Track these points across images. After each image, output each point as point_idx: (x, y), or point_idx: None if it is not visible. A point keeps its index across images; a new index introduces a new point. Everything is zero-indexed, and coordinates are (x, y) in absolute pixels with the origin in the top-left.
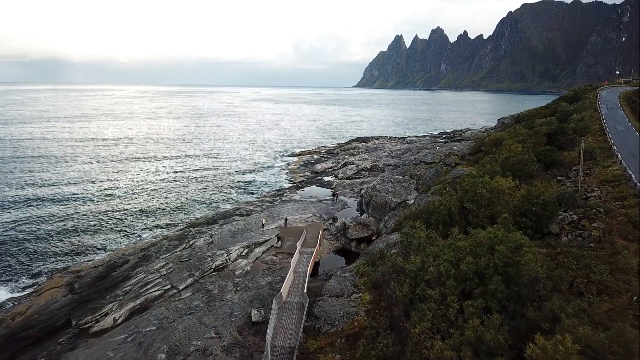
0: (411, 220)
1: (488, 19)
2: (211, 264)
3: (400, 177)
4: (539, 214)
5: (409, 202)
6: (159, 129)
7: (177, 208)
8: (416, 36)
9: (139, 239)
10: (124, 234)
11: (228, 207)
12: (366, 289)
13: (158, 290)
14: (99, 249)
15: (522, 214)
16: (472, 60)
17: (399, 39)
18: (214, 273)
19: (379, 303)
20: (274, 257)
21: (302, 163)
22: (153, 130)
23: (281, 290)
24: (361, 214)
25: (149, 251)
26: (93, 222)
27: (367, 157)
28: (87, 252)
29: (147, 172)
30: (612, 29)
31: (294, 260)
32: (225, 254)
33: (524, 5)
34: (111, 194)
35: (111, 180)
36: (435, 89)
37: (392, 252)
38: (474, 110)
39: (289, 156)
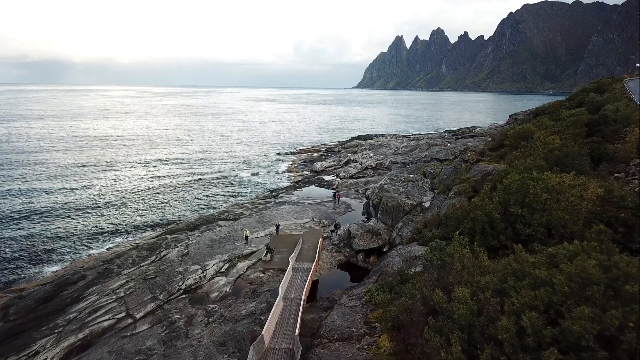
0: (434, 227)
1: (489, 20)
2: (181, 283)
3: (411, 175)
4: (629, 223)
5: (425, 204)
6: (149, 127)
7: (156, 211)
8: (417, 37)
9: (105, 247)
10: (89, 241)
11: (213, 210)
12: (384, 328)
13: (109, 319)
14: (54, 260)
15: (605, 222)
16: (473, 61)
17: (399, 40)
18: (183, 296)
19: (406, 355)
20: (261, 275)
21: (300, 161)
22: (143, 128)
23: (263, 332)
24: (368, 219)
25: (112, 264)
26: (55, 226)
27: (372, 154)
28: (41, 262)
29: (129, 172)
30: (614, 29)
31: (284, 283)
32: (200, 270)
33: (525, 6)
34: (84, 195)
35: (87, 179)
36: (436, 89)
37: (413, 271)
38: (478, 109)
39: (286, 154)
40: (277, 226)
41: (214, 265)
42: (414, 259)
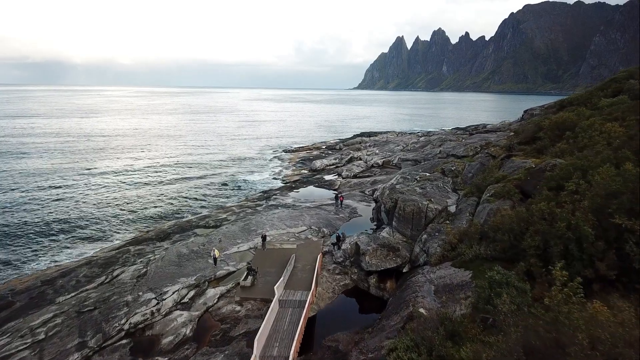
0: (474, 242)
1: (490, 20)
2: (124, 320)
3: (427, 174)
4: None
5: (450, 208)
6: (141, 125)
7: (128, 215)
8: (417, 37)
9: (53, 261)
10: (36, 253)
11: (193, 215)
12: None
13: None
14: None
15: None
16: (474, 61)
17: (400, 41)
18: (124, 341)
19: None
20: (237, 308)
21: (298, 159)
22: (133, 126)
23: None
24: (378, 227)
25: (52, 285)
26: (5, 234)
27: (377, 151)
28: None
29: (111, 170)
30: (616, 29)
31: (263, 329)
32: (155, 300)
33: (526, 6)
34: (47, 195)
35: (63, 179)
36: (437, 90)
37: (458, 312)
38: (482, 108)
39: (283, 152)
40: (264, 237)
41: (174, 292)
42: (453, 289)
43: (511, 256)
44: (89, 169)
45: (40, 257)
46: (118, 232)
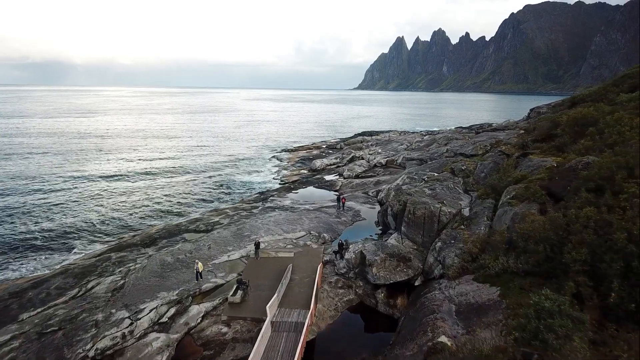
0: (501, 253)
1: (491, 20)
2: (90, 345)
3: (435, 173)
4: None
5: (464, 212)
6: (137, 124)
7: (116, 218)
8: (417, 38)
9: (29, 269)
10: (10, 260)
11: (183, 218)
12: None
13: None
14: None
15: None
16: (474, 61)
17: (400, 41)
18: None
19: None
20: (224, 329)
21: (297, 159)
22: (130, 125)
23: None
24: (385, 232)
25: (21, 298)
26: None
27: (380, 150)
28: None
29: (100, 171)
30: (617, 29)
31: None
32: (129, 320)
33: (527, 7)
34: (34, 196)
35: (48, 181)
36: (437, 90)
37: (489, 341)
38: (484, 108)
39: (282, 152)
40: (257, 245)
41: (152, 310)
42: (480, 310)
43: (547, 271)
44: (78, 170)
45: (12, 264)
46: (102, 237)
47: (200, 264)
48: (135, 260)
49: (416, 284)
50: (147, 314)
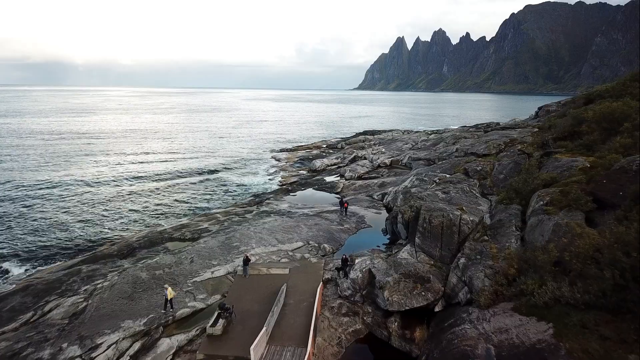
0: (548, 276)
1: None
2: None
3: (447, 175)
4: None
5: (485, 219)
6: (132, 123)
7: (98, 223)
8: (418, 38)
9: None
10: None
11: (169, 224)
12: None
13: None
14: None
15: None
16: (475, 62)
17: (400, 41)
18: None
19: None
20: None
21: (296, 159)
22: (126, 124)
23: None
24: (392, 241)
25: None
26: None
27: (384, 150)
28: None
29: (87, 174)
30: (618, 29)
31: None
32: (80, 359)
33: (527, 7)
34: (16, 200)
35: (33, 182)
36: (438, 90)
37: None
38: (486, 108)
39: (280, 151)
40: (246, 260)
41: (111, 346)
42: (529, 357)
43: (617, 303)
44: (65, 171)
45: None
46: (81, 245)
47: (170, 289)
48: (106, 275)
49: (436, 309)
50: (104, 350)
